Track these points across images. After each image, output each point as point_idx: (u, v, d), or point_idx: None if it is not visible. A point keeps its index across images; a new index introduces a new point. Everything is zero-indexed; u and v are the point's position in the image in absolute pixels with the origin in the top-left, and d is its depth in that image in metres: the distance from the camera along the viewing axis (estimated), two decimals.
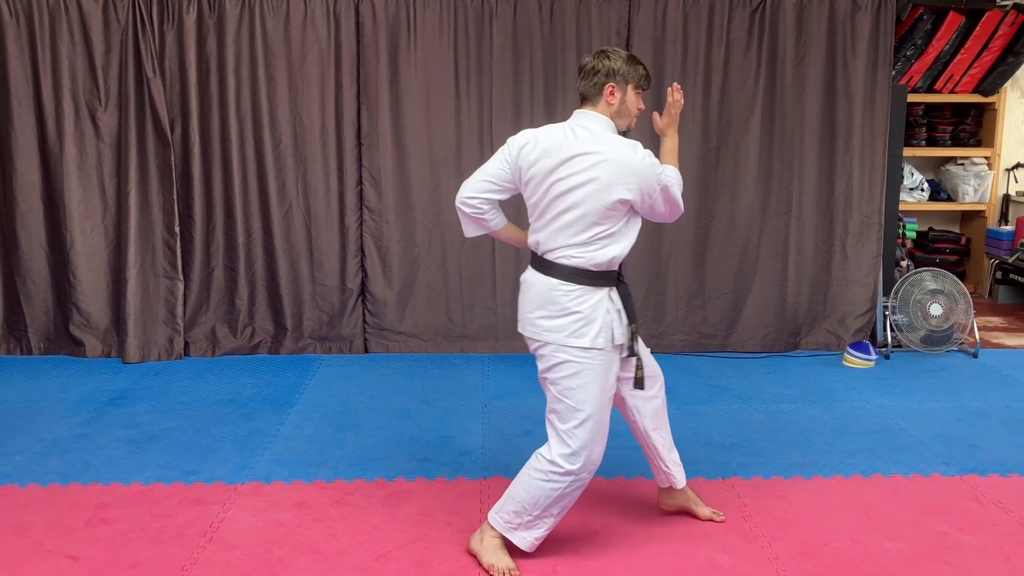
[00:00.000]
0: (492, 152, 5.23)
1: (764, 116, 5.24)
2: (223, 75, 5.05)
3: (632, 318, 2.89)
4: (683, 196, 5.30)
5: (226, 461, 3.74)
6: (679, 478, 3.21)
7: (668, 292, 5.38)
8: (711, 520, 3.23)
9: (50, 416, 4.24)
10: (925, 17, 6.09)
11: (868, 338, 5.39)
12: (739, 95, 5.21)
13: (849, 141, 5.28)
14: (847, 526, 3.21)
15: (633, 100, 2.87)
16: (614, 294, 2.88)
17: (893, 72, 5.49)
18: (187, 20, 4.98)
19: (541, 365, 2.88)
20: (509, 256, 5.32)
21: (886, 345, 5.33)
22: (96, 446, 3.89)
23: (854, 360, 5.15)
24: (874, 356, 5.15)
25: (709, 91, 5.20)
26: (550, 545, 3.03)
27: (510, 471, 3.62)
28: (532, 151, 2.83)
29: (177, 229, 5.11)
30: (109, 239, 5.17)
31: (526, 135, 2.90)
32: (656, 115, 3.06)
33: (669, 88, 3.01)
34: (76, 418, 4.23)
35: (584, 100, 2.88)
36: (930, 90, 6.45)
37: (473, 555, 2.96)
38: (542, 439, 4.01)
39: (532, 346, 2.89)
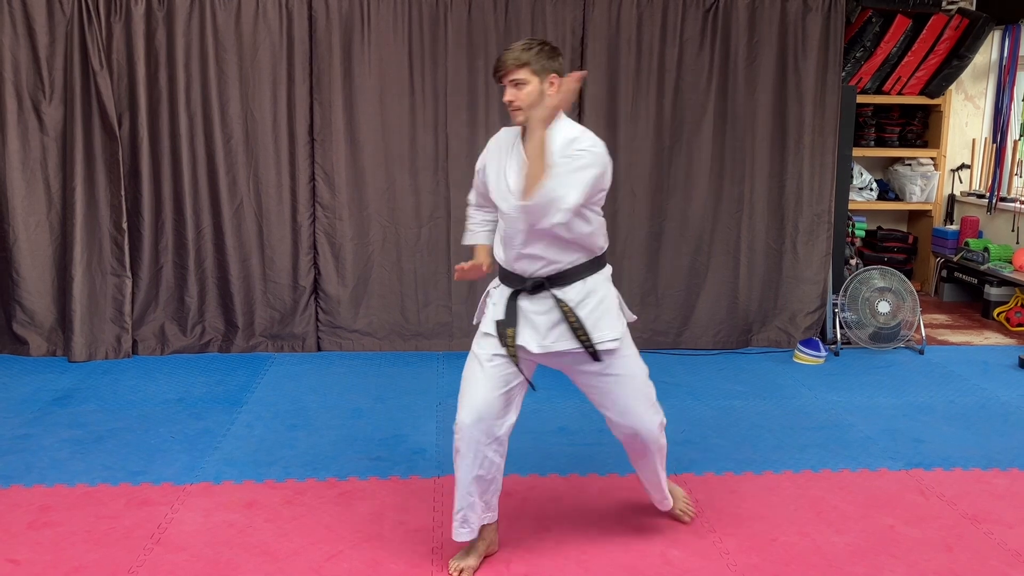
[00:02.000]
0: (447, 148, 5.24)
1: (716, 115, 5.29)
2: (172, 69, 4.96)
3: (505, 324, 2.81)
4: (636, 194, 5.36)
5: (175, 461, 3.67)
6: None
7: (622, 289, 5.29)
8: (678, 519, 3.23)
9: None
10: (874, 20, 6.19)
11: (818, 335, 5.47)
12: (692, 94, 5.25)
13: (800, 141, 5.35)
14: (797, 520, 3.25)
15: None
16: (493, 287, 2.94)
17: (843, 73, 5.58)
18: (135, 12, 4.89)
19: None
20: (464, 254, 5.29)
21: (835, 342, 5.42)
22: (39, 447, 3.80)
23: (804, 357, 5.22)
24: (824, 353, 5.23)
25: (663, 90, 5.24)
26: (504, 542, 3.03)
27: None
28: None
29: (125, 225, 5.01)
30: (54, 235, 5.05)
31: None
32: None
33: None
34: (19, 418, 4.12)
35: None
36: (879, 91, 6.57)
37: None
38: None
39: None
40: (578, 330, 2.76)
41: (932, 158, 6.91)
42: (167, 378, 4.75)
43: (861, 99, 6.33)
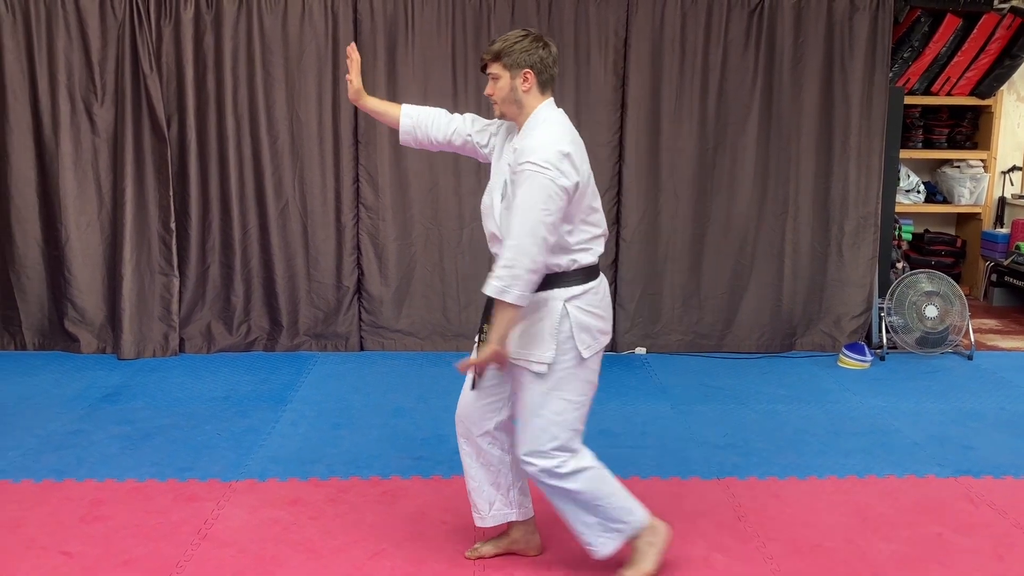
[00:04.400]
0: None
1: (761, 117, 5.24)
2: (220, 71, 5.04)
3: (482, 320, 2.73)
4: (679, 195, 5.33)
5: (221, 458, 3.73)
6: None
7: (664, 292, 5.38)
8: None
9: (45, 412, 4.23)
10: (923, 19, 6.09)
11: (863, 339, 5.40)
12: (736, 96, 5.21)
13: (846, 143, 5.29)
14: (842, 526, 3.21)
15: None
16: None
17: (890, 74, 5.50)
18: (184, 16, 4.97)
19: None
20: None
21: (881, 347, 5.34)
22: (91, 442, 3.88)
23: (849, 361, 5.16)
24: (869, 357, 5.16)
25: (707, 91, 5.20)
26: (545, 544, 3.03)
27: None
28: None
29: (173, 225, 5.10)
30: (105, 235, 5.16)
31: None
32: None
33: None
34: (71, 414, 4.21)
35: (552, 87, 2.68)
36: (927, 92, 6.46)
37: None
38: None
39: None
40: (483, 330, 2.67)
41: (982, 160, 6.78)
42: (213, 376, 4.82)
43: (909, 100, 6.23)
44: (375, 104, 2.93)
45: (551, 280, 2.59)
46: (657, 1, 5.11)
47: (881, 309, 5.39)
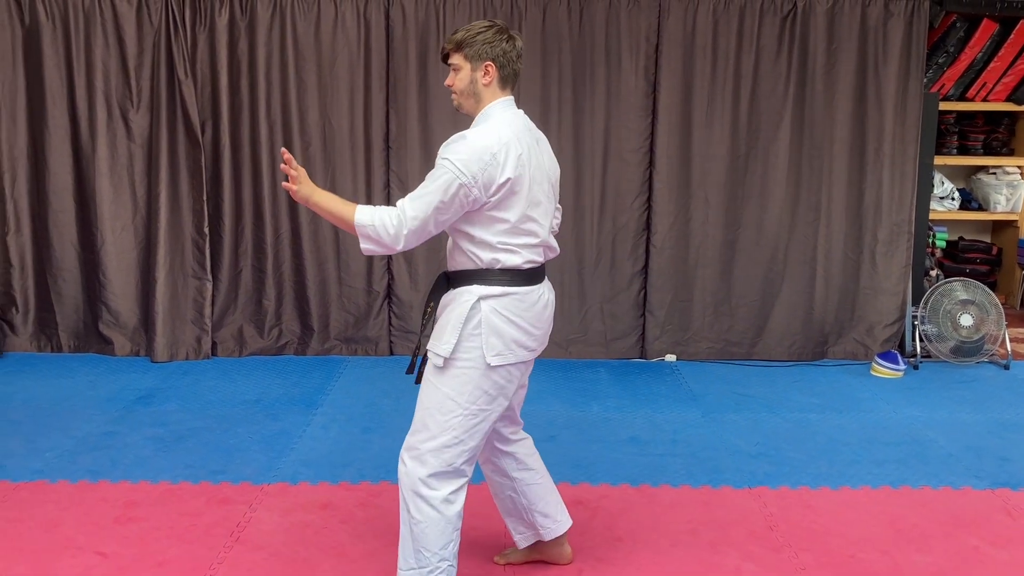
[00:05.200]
0: None
1: (794, 123, 5.21)
2: (254, 77, 5.09)
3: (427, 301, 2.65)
4: (711, 201, 5.30)
5: (253, 461, 3.76)
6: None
7: (695, 299, 5.35)
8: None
9: (80, 413, 4.29)
10: (958, 24, 6.02)
11: (897, 348, 5.34)
12: (768, 102, 5.19)
13: (880, 149, 5.24)
14: (875, 538, 3.17)
15: None
16: None
17: (925, 79, 5.44)
18: (219, 23, 5.03)
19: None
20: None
21: (915, 355, 5.28)
22: (125, 444, 3.92)
23: (882, 370, 5.10)
24: (903, 366, 5.10)
25: (738, 97, 5.18)
26: (575, 552, 3.02)
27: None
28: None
29: (206, 230, 5.15)
30: (139, 239, 5.22)
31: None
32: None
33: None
34: (105, 416, 4.27)
35: (513, 83, 2.59)
36: (962, 98, 6.37)
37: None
38: (567, 444, 4.03)
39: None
40: (422, 329, 2.62)
41: (1019, 166, 6.68)
42: (245, 379, 4.86)
43: (943, 106, 6.15)
44: (327, 202, 2.52)
45: (470, 275, 2.50)
46: (689, 7, 5.09)
47: (915, 317, 5.33)
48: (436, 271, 5.30)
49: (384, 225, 2.40)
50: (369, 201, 5.24)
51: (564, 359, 5.35)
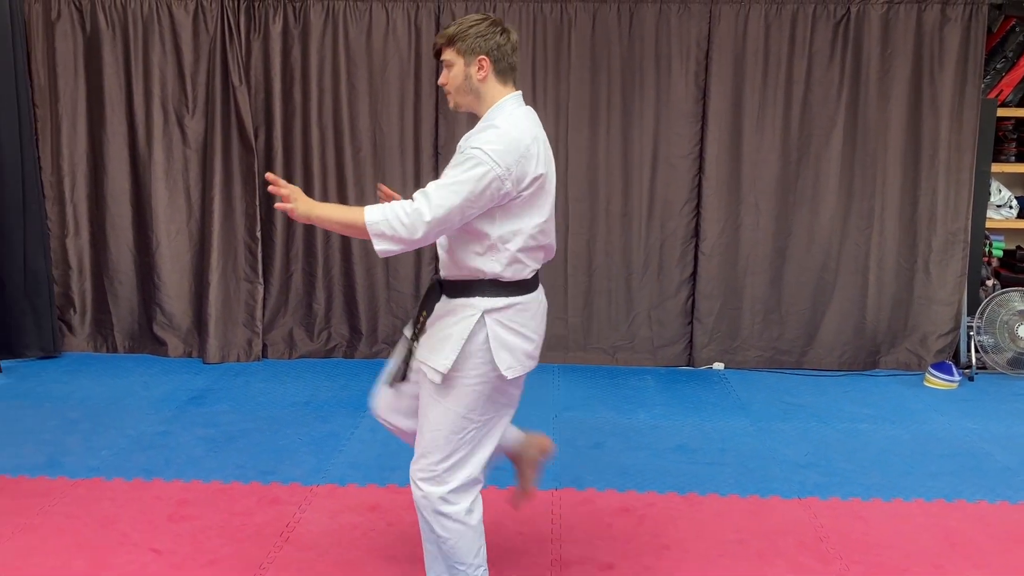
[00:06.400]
0: (567, 162, 5.27)
1: (846, 129, 5.14)
2: (306, 84, 5.17)
3: (420, 309, 2.55)
4: (761, 208, 5.24)
5: (302, 463, 3.80)
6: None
7: (744, 307, 5.30)
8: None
9: (134, 413, 4.38)
10: (1017, 28, 5.88)
11: (951, 359, 5.24)
12: (821, 108, 5.12)
13: (935, 156, 5.15)
14: (929, 551, 3.11)
15: None
16: None
17: (982, 85, 5.33)
18: (273, 30, 5.11)
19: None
20: (581, 266, 5.31)
21: (970, 366, 5.17)
22: (178, 443, 4.00)
23: (936, 381, 5.00)
24: (957, 377, 5.00)
25: (790, 103, 5.12)
26: (621, 559, 3.01)
27: (581, 483, 3.63)
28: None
29: (258, 234, 5.23)
30: (193, 242, 5.32)
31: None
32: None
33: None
34: (159, 416, 4.35)
35: (512, 77, 2.47)
36: (1021, 104, 6.23)
37: None
38: (614, 451, 4.02)
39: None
40: (415, 338, 2.49)
41: None
42: (295, 381, 4.92)
43: (1001, 112, 6.02)
44: (331, 213, 2.41)
45: (471, 286, 2.38)
46: (740, 12, 5.06)
47: (970, 328, 5.22)
48: None
49: (397, 217, 2.26)
50: None
51: (610, 366, 5.34)
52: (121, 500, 3.40)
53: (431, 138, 5.22)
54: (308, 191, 5.25)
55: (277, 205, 2.37)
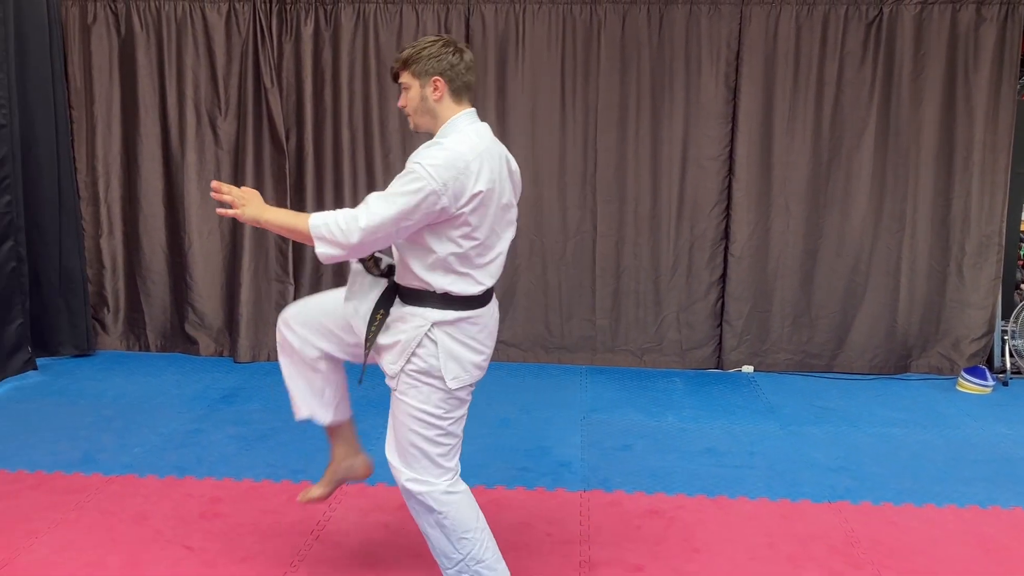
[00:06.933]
0: (596, 163, 5.26)
1: (878, 131, 5.09)
2: (337, 86, 5.20)
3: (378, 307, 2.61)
4: (791, 210, 5.20)
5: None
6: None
7: (773, 309, 5.27)
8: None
9: (166, 411, 4.43)
10: None
11: (985, 363, 5.17)
12: (852, 109, 5.08)
13: (969, 158, 5.09)
14: (962, 558, 3.08)
15: None
16: None
17: (1018, 86, 5.26)
18: (304, 32, 5.15)
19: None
20: (609, 267, 5.30)
21: (1004, 371, 5.10)
22: (209, 442, 4.04)
23: (969, 386, 4.95)
24: (991, 382, 4.94)
25: (821, 105, 5.09)
26: (651, 562, 3.00)
27: (610, 485, 3.63)
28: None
29: None
30: (225, 243, 5.38)
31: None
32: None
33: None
34: (190, 414, 4.40)
35: (468, 95, 2.53)
36: None
37: None
38: (643, 453, 4.01)
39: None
40: (369, 336, 2.57)
41: None
42: None
43: None
44: (279, 218, 2.50)
45: (423, 297, 2.46)
46: (771, 13, 5.03)
47: (1004, 332, 5.15)
48: (511, 279, 5.33)
49: (336, 222, 2.34)
50: None
51: (638, 368, 5.32)
52: (154, 497, 3.44)
53: None
54: (338, 192, 5.29)
55: (219, 211, 2.51)
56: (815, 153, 5.13)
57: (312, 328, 2.79)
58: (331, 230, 2.35)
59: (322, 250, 2.38)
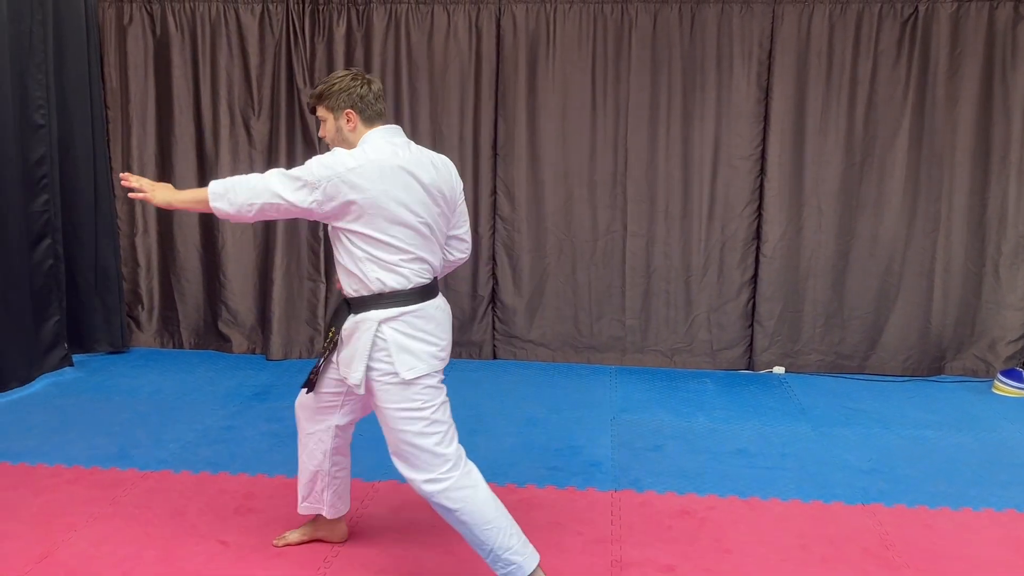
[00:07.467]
0: (626, 163, 5.26)
1: (912, 130, 5.04)
2: None
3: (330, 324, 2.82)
4: (823, 210, 5.16)
5: (364, 459, 3.83)
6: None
7: (805, 310, 5.23)
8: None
9: (200, 407, 4.48)
10: None
11: (1021, 366, 5.10)
12: (886, 108, 5.03)
13: (1006, 158, 5.02)
14: (1000, 562, 3.04)
15: None
16: None
17: None
18: (337, 33, 5.19)
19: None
20: (640, 267, 5.29)
21: None
22: (243, 438, 4.08)
23: (1006, 388, 4.88)
24: None
25: (854, 104, 5.04)
26: (682, 562, 2.99)
27: (641, 485, 3.62)
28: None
29: (321, 234, 5.31)
30: (258, 242, 5.43)
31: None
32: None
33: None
34: (224, 410, 4.45)
35: (381, 120, 2.70)
36: None
37: None
38: (674, 454, 4.00)
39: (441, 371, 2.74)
40: (324, 351, 2.76)
41: None
42: None
43: None
44: (188, 195, 2.77)
45: (367, 301, 2.60)
46: (804, 12, 4.99)
47: None
48: (540, 278, 5.34)
49: (231, 179, 2.58)
50: (476, 208, 5.31)
51: (668, 368, 5.31)
52: (189, 492, 3.49)
53: (490, 139, 5.26)
54: None
55: (131, 195, 2.72)
56: (848, 153, 5.09)
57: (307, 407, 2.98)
58: (225, 185, 2.57)
59: (215, 204, 2.58)
